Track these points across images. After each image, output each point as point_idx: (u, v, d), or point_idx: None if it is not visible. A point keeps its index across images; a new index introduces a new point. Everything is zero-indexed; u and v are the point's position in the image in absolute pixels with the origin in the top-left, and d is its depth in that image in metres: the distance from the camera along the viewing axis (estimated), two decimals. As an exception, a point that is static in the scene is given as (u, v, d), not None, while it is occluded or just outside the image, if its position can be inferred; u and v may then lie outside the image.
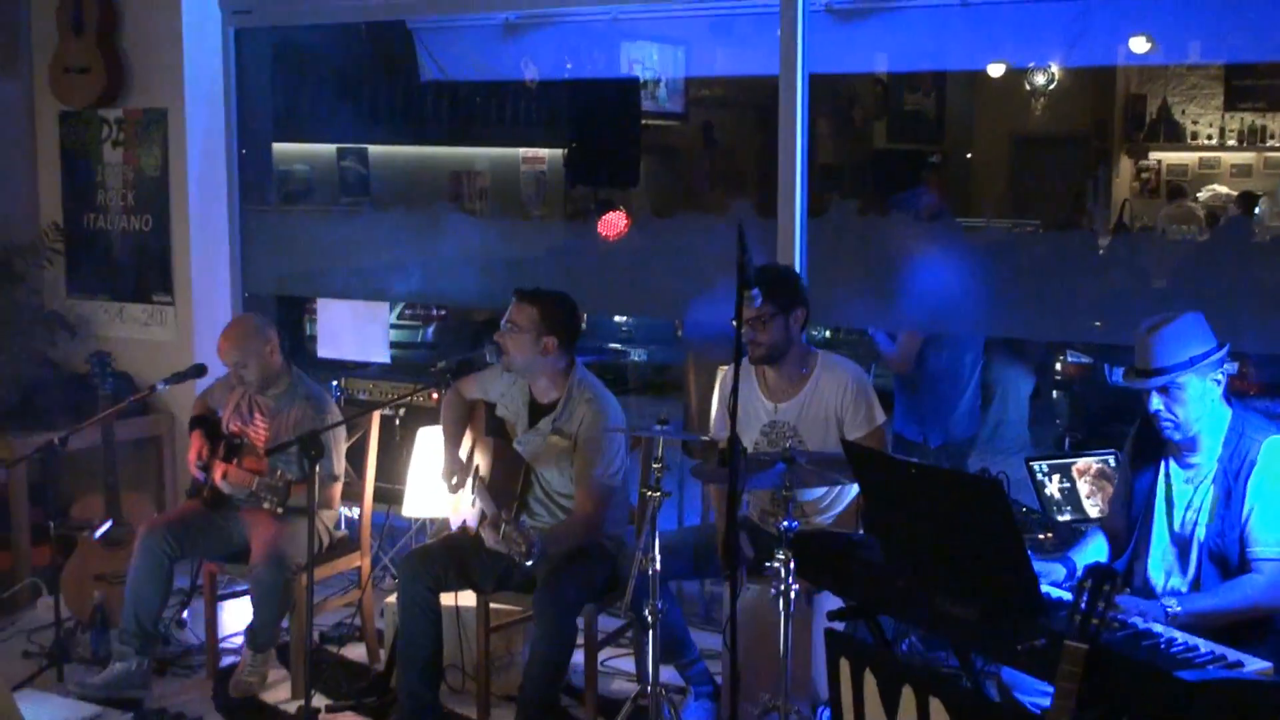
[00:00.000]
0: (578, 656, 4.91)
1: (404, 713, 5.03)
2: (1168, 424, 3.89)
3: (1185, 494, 3.98)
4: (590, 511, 4.93)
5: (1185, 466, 3.98)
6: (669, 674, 5.13)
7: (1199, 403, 3.85)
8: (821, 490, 4.87)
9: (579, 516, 4.96)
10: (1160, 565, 4.01)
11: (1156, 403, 3.88)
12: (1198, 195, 15.08)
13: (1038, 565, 3.91)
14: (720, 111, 15.04)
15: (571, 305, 5.13)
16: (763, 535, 4.84)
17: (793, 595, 4.12)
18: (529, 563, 4.49)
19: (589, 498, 4.94)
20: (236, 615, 5.99)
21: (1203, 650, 3.29)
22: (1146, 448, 4.06)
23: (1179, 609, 3.68)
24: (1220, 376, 3.88)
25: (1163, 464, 4.03)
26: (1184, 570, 3.96)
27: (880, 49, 7.46)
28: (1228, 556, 3.85)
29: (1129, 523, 4.10)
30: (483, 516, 4.99)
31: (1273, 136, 15.52)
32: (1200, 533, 3.91)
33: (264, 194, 7.54)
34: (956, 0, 6.10)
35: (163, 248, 7.08)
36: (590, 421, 4.98)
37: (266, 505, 5.17)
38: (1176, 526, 3.99)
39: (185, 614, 6.12)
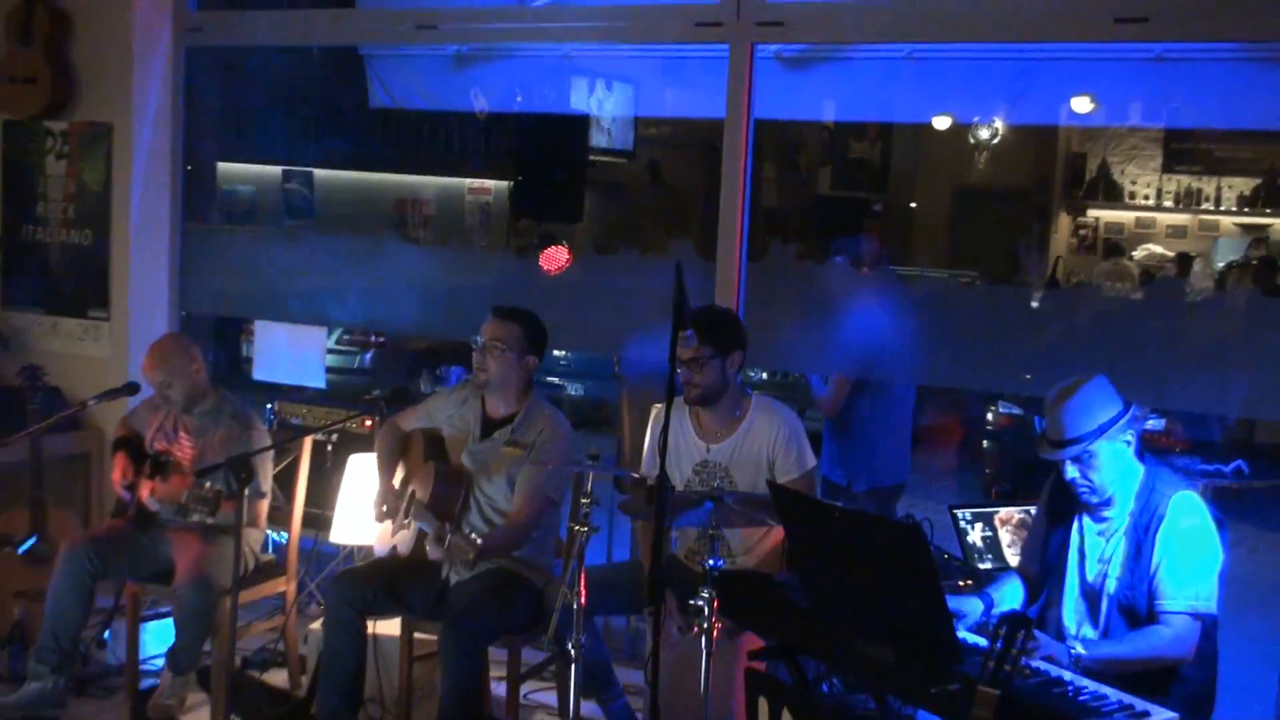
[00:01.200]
0: (499, 689, 4.91)
1: (324, 736, 5.01)
2: (1084, 489, 4.01)
3: (1097, 546, 4.07)
4: (525, 519, 4.98)
5: (1098, 520, 4.08)
6: (591, 708, 5.14)
7: (1112, 466, 3.97)
8: (748, 531, 4.90)
9: (514, 522, 4.99)
10: (1073, 615, 4.10)
11: (1072, 471, 3.99)
12: (1133, 254, 15.32)
13: (956, 602, 4.01)
14: (667, 151, 15.14)
15: (544, 325, 5.24)
16: (688, 573, 4.87)
17: (715, 634, 4.14)
18: (473, 570, 4.53)
19: (528, 506, 4.98)
20: (158, 636, 5.93)
21: (1111, 699, 3.36)
22: (1062, 501, 4.15)
23: (1085, 653, 3.77)
24: (1130, 437, 3.98)
25: (1077, 518, 4.12)
26: (1094, 621, 4.05)
27: (828, 97, 7.56)
28: (1136, 608, 3.95)
29: (1043, 571, 4.19)
30: (420, 536, 4.99)
31: (1208, 199, 15.79)
32: (1110, 585, 4.00)
33: (207, 213, 7.51)
34: (903, 54, 6.19)
35: (101, 263, 7.04)
36: (549, 434, 5.05)
37: (196, 517, 5.12)
38: (1089, 578, 4.08)
39: (106, 634, 6.05)
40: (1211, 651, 4.01)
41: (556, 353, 11.70)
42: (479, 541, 4.66)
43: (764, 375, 9.10)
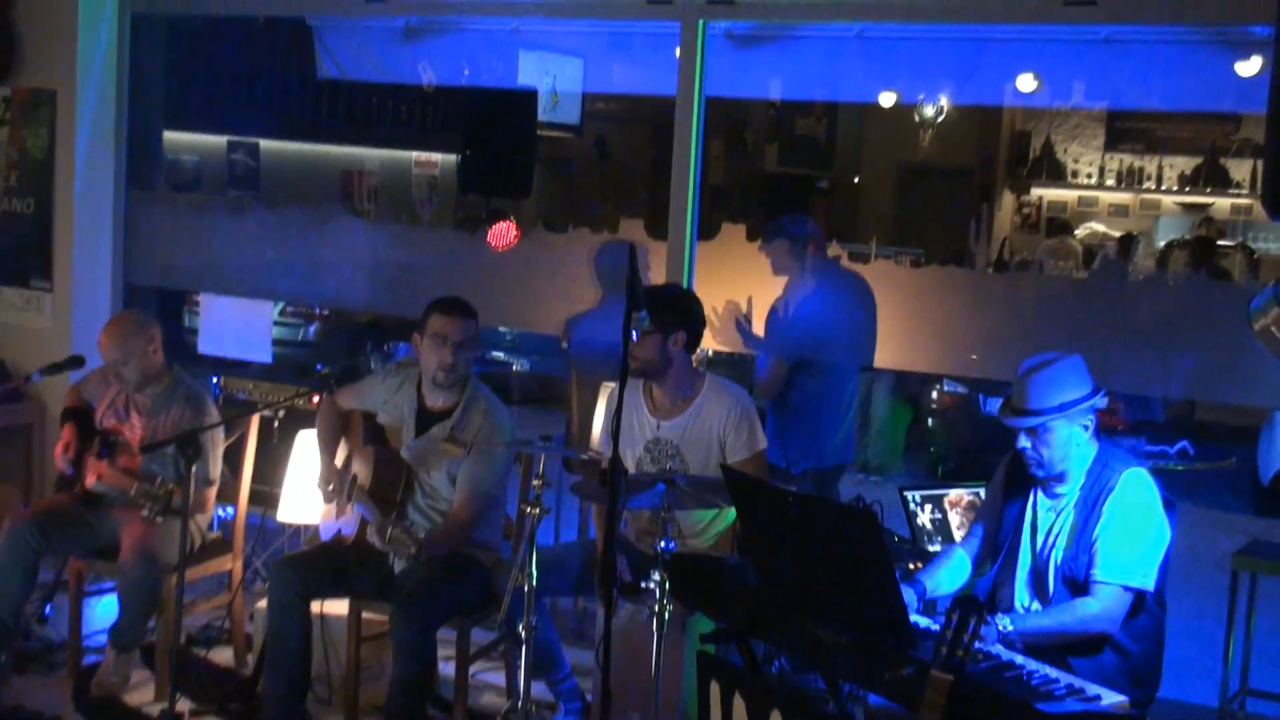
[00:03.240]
0: (448, 669, 4.90)
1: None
2: (1032, 460, 4.06)
3: (1048, 520, 4.15)
4: (468, 518, 4.95)
5: (1051, 496, 4.14)
6: (539, 689, 5.14)
7: (1064, 445, 4.03)
8: (699, 513, 4.91)
9: (456, 520, 4.96)
10: (1025, 591, 4.16)
11: (1024, 441, 4.05)
12: (1076, 232, 15.45)
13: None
14: (615, 127, 15.12)
15: None
16: (639, 555, 4.87)
17: (666, 616, 4.15)
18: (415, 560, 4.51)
19: (469, 504, 4.95)
20: (101, 613, 5.88)
21: (1061, 683, 3.40)
22: (1018, 477, 4.20)
23: (1012, 627, 3.82)
24: (1089, 421, 4.02)
25: (1031, 493, 4.17)
26: (1043, 593, 4.09)
27: (776, 75, 7.54)
28: (1077, 578, 4.02)
29: (994, 547, 4.23)
30: (363, 522, 4.97)
31: (1150, 179, 15.94)
32: (1057, 555, 4.08)
33: (152, 182, 7.43)
34: (851, 32, 6.18)
35: (44, 232, 6.94)
36: (487, 433, 5.00)
37: (145, 512, 5.09)
38: (1039, 552, 4.13)
39: (47, 609, 5.99)
40: (1155, 628, 4.06)
41: (502, 329, 11.69)
42: (420, 536, 4.64)
43: (709, 353, 9.10)
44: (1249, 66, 5.60)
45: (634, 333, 4.24)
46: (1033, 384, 4.01)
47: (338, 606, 5.20)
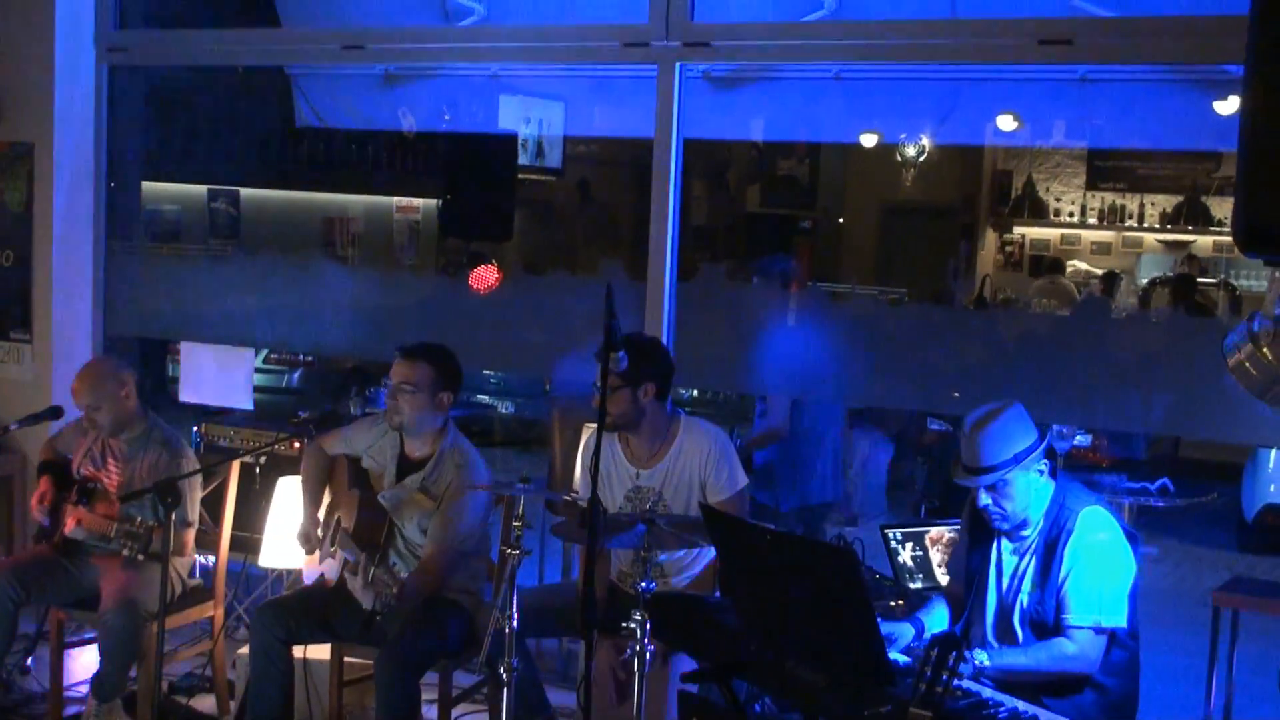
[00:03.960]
0: (431, 711, 4.87)
1: (252, 766, 4.96)
2: (996, 515, 4.09)
3: (1011, 564, 4.16)
4: (436, 570, 4.91)
5: (1015, 539, 4.14)
6: (523, 732, 5.12)
7: (1024, 495, 4.05)
8: (680, 552, 4.90)
9: (426, 572, 4.92)
10: (993, 633, 4.15)
11: (985, 498, 4.07)
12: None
13: (887, 627, 4.04)
14: (597, 169, 15.15)
15: (456, 358, 5.15)
16: (621, 595, 4.86)
17: (648, 656, 4.14)
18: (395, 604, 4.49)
19: (439, 556, 4.92)
20: (83, 663, 5.85)
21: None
22: (981, 522, 4.21)
23: (988, 664, 3.81)
24: (1044, 466, 4.03)
25: (996, 539, 4.18)
26: (1009, 637, 4.09)
27: (756, 116, 7.59)
28: (1045, 621, 4.03)
29: (967, 590, 4.23)
30: (345, 564, 4.95)
31: (1131, 216, 16.02)
32: (1023, 599, 4.09)
33: (131, 233, 7.43)
34: (831, 73, 6.23)
35: (23, 284, 6.94)
36: (457, 486, 4.97)
37: (126, 552, 5.07)
38: (1005, 595, 4.14)
39: (29, 661, 5.96)
40: (1130, 661, 4.07)
41: (486, 371, 11.70)
42: (403, 578, 4.63)
43: (694, 393, 9.12)
44: (1227, 106, 5.63)
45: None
46: (983, 439, 4.01)
47: (320, 651, 5.17)
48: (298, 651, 5.01)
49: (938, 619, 4.26)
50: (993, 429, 4.00)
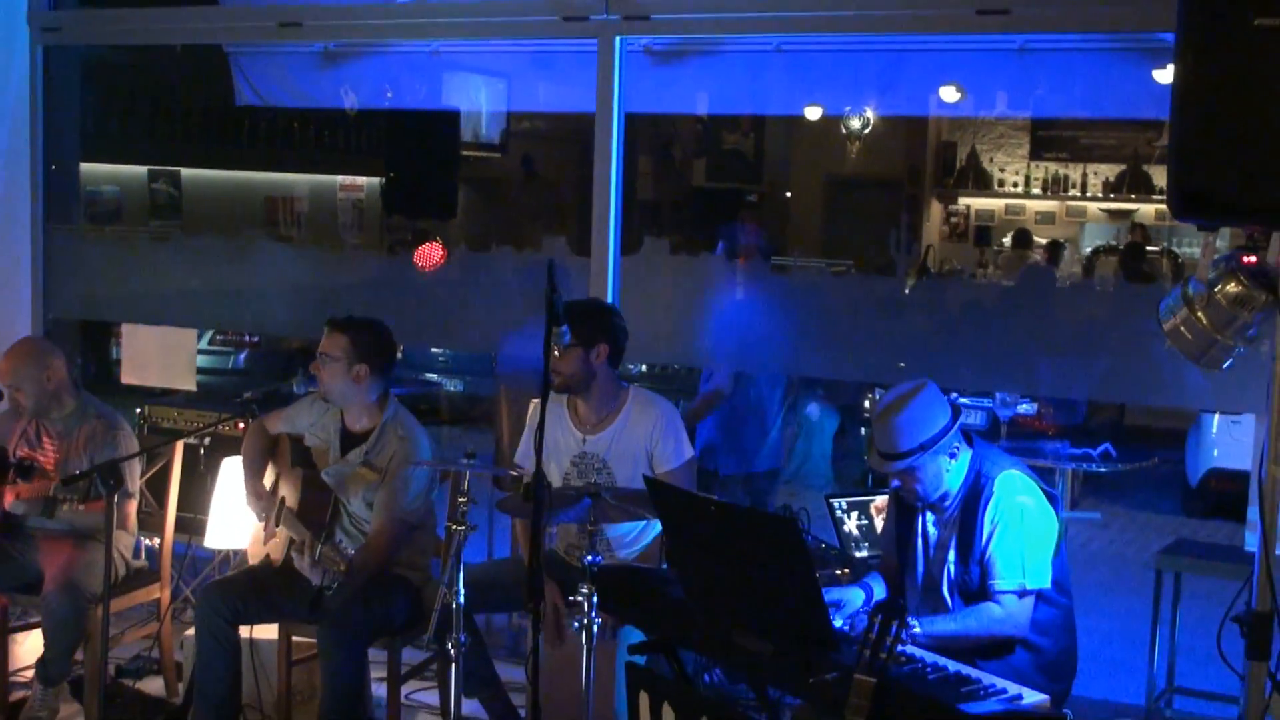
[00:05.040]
0: (380, 689, 4.87)
1: (200, 749, 4.94)
2: (908, 495, 4.14)
3: (934, 534, 4.20)
4: (385, 544, 4.91)
5: (939, 511, 4.17)
6: (473, 707, 5.12)
7: (935, 478, 4.08)
8: (627, 526, 4.91)
9: (373, 547, 4.92)
10: (923, 600, 4.19)
11: (895, 480, 4.08)
12: (1003, 242, 15.58)
13: (837, 593, 4.09)
14: (541, 145, 15.13)
15: (383, 333, 5.12)
16: (568, 569, 4.87)
17: (595, 629, 4.15)
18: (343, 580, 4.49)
19: (386, 530, 4.92)
20: (28, 648, 5.80)
21: (984, 683, 3.43)
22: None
23: (919, 630, 3.86)
24: (956, 446, 4.07)
25: (921, 511, 4.21)
26: (938, 605, 4.13)
27: (699, 90, 7.58)
28: (970, 588, 4.06)
29: (898, 562, 4.27)
30: (291, 543, 4.94)
31: (1074, 186, 16.15)
32: (950, 569, 4.12)
33: (71, 215, 7.36)
34: (772, 46, 6.23)
35: (-40, 268, 6.87)
36: (401, 458, 4.97)
37: (67, 506, 5.01)
38: (931, 566, 4.18)
39: (-27, 646, 5.91)
40: (1062, 619, 4.12)
41: (434, 350, 11.67)
42: (350, 554, 4.63)
43: (643, 368, 9.13)
44: (1167, 75, 5.65)
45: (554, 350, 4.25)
46: (895, 425, 4.02)
47: (268, 631, 5.16)
48: (244, 632, 4.99)
49: (878, 588, 4.30)
50: (906, 414, 4.02)
